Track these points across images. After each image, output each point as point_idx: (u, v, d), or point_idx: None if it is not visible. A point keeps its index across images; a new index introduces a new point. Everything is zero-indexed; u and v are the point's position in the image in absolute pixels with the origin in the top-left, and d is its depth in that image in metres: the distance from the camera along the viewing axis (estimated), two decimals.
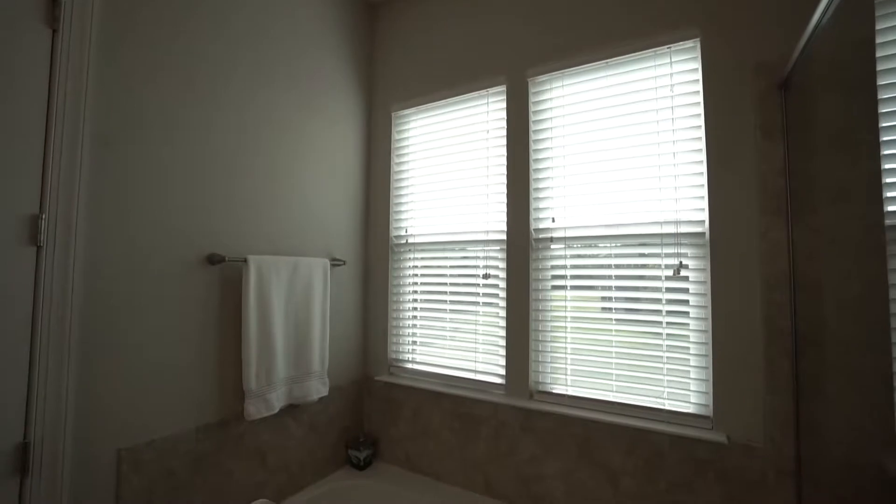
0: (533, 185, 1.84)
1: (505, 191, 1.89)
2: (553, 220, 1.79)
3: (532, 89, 1.88)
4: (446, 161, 2.11)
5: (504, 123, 1.92)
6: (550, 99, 1.84)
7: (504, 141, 1.92)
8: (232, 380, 1.64)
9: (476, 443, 1.92)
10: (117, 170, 1.34)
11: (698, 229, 1.53)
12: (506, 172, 1.90)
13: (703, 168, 1.52)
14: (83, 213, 1.25)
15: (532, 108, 1.87)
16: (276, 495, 1.80)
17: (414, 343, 2.19)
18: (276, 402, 1.69)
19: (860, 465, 1.30)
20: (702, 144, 1.53)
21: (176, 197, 1.49)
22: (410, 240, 2.19)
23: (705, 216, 1.51)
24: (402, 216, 2.24)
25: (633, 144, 1.66)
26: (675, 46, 1.60)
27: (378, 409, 2.24)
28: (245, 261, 1.62)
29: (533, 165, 1.85)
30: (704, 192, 1.51)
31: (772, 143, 1.40)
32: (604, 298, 1.71)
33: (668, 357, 1.57)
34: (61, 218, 1.19)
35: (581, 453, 1.67)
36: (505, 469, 1.84)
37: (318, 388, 1.88)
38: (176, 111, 1.49)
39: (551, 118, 1.83)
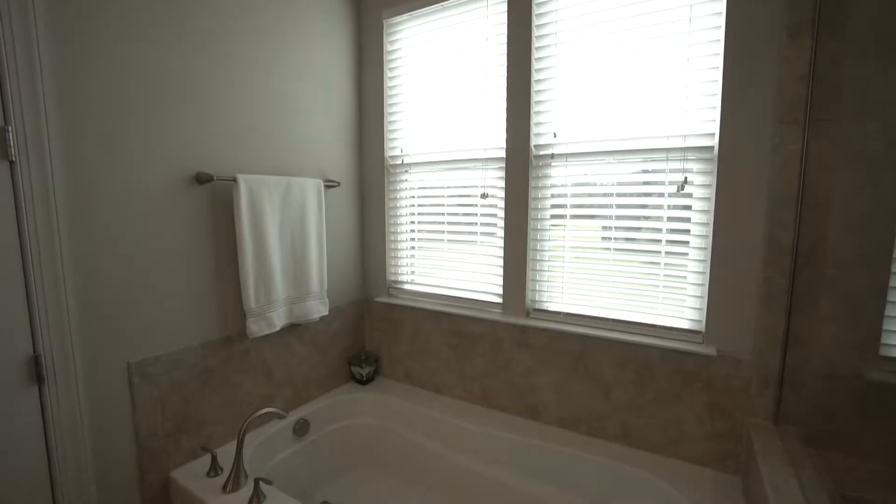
0: (534, 97, 1.73)
1: (504, 104, 1.78)
2: (555, 136, 1.71)
3: None
4: (442, 73, 1.96)
5: (504, 30, 1.76)
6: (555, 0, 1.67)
7: (504, 49, 1.77)
8: (232, 299, 1.66)
9: (473, 358, 2.00)
10: (87, 81, 1.25)
11: (707, 143, 1.45)
12: (505, 84, 1.77)
13: (719, 74, 1.40)
14: (55, 127, 1.18)
15: (535, 10, 1.70)
16: (283, 406, 1.91)
17: (412, 264, 2.20)
18: (277, 320, 1.73)
19: (840, 375, 1.35)
20: (720, 48, 1.40)
21: (156, 113, 1.40)
22: (406, 159, 2.11)
23: (716, 128, 1.43)
24: (397, 134, 2.14)
25: (643, 49, 1.53)
26: None
27: (379, 328, 2.31)
28: (234, 180, 1.57)
29: (534, 76, 1.72)
30: (717, 101, 1.41)
31: (797, 47, 1.28)
32: (604, 217, 1.67)
33: (665, 275, 1.57)
34: (31, 131, 1.12)
35: (575, 367, 1.74)
36: (501, 382, 1.93)
37: (318, 308, 1.92)
38: (145, 9, 1.36)
39: (555, 21, 1.67)
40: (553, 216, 1.77)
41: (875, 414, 1.31)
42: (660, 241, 1.57)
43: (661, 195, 1.55)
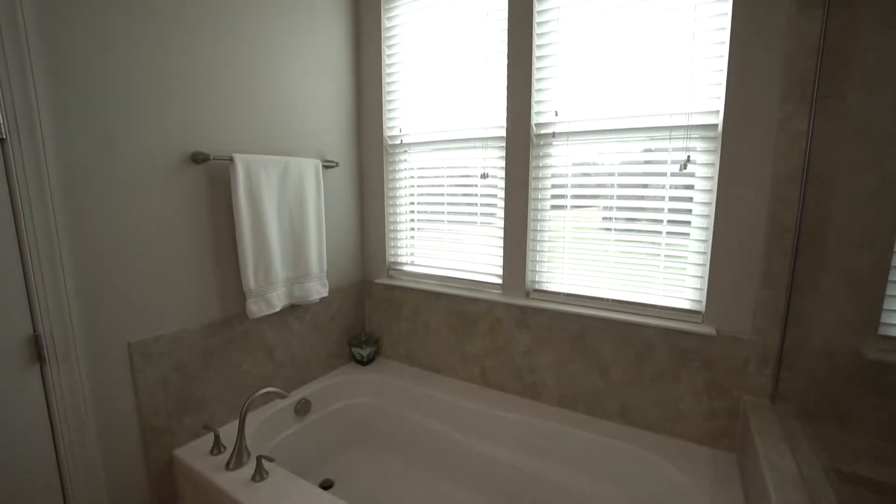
0: (535, 74, 1.69)
1: (505, 82, 1.75)
2: (556, 114, 1.68)
3: None
4: (441, 50, 1.92)
5: (505, 4, 1.71)
6: None
7: (505, 25, 1.72)
8: (232, 280, 1.66)
9: (473, 339, 2.01)
10: (78, 57, 1.21)
11: (711, 120, 1.43)
12: (506, 62, 1.73)
13: (725, 50, 1.37)
14: (46, 104, 1.15)
15: None
16: (284, 386, 1.93)
17: (412, 245, 2.19)
18: (276, 301, 1.73)
19: (839, 354, 1.35)
20: (726, 21, 1.36)
21: (150, 90, 1.37)
22: (405, 139, 2.08)
23: (720, 106, 1.40)
24: (395, 114, 2.11)
25: (648, 24, 1.49)
26: None
27: (379, 309, 2.31)
28: (231, 159, 1.55)
29: (536, 52, 1.68)
30: (723, 77, 1.38)
31: (808, 18, 1.24)
32: (606, 198, 1.66)
33: (665, 255, 1.57)
34: (20, 108, 1.10)
35: (574, 347, 1.75)
36: (500, 362, 1.95)
37: (318, 289, 1.92)
38: None
39: None
40: (553, 196, 1.75)
41: (871, 392, 1.32)
42: (661, 221, 1.56)
43: (664, 174, 1.53)
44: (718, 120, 1.41)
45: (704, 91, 1.43)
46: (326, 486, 1.85)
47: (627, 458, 1.55)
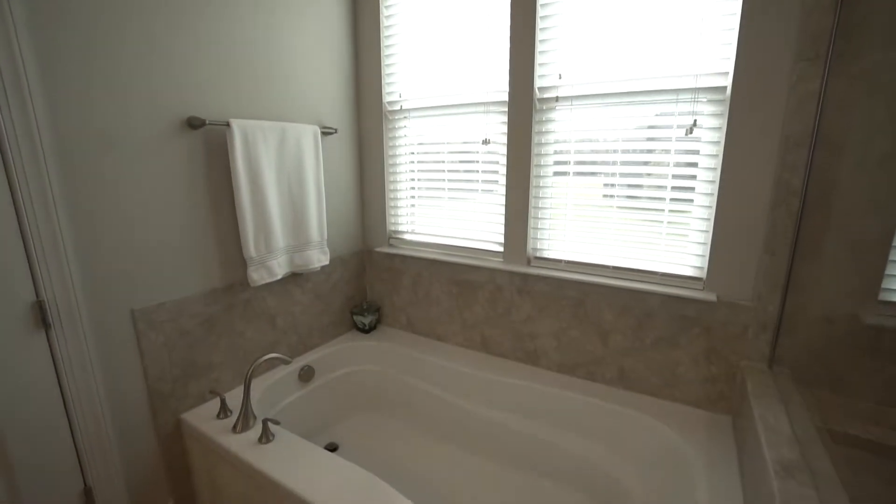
0: (538, 35, 1.63)
1: (507, 45, 1.69)
2: (560, 77, 1.63)
3: None
4: (442, 11, 1.85)
5: None
6: None
7: None
8: (233, 248, 1.65)
9: (474, 307, 2.02)
10: (66, 16, 1.16)
11: (720, 82, 1.39)
12: (509, 23, 1.67)
13: (738, 6, 1.31)
14: (33, 66, 1.11)
15: None
16: (287, 353, 1.96)
17: (413, 213, 2.17)
18: (277, 269, 1.73)
19: (838, 319, 1.36)
20: None
21: (143, 52, 1.33)
22: (405, 105, 2.03)
23: (730, 66, 1.36)
24: (395, 78, 2.05)
25: None
26: None
27: (380, 278, 2.32)
28: (228, 125, 1.51)
29: (539, 12, 1.61)
30: (734, 37, 1.33)
31: None
32: (609, 164, 1.63)
33: (668, 221, 1.56)
34: (6, 71, 1.06)
35: (575, 314, 1.76)
36: (501, 329, 1.97)
37: (318, 258, 1.92)
38: None
39: None
40: (556, 163, 1.72)
41: (868, 356, 1.34)
42: (665, 187, 1.54)
43: (669, 139, 1.50)
44: (728, 82, 1.37)
45: (714, 51, 1.39)
46: (331, 448, 1.91)
47: (625, 420, 1.59)
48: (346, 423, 2.07)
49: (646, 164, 1.58)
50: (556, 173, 1.74)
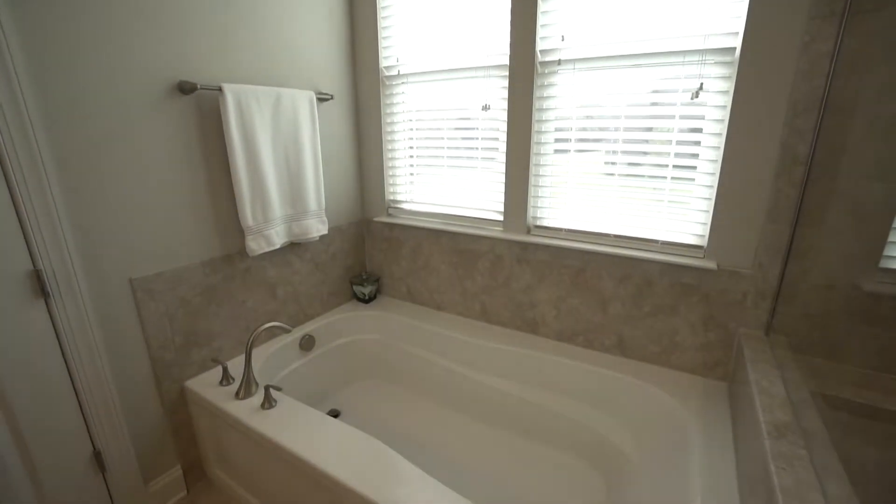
0: None
1: (509, 5, 1.62)
2: (563, 39, 1.57)
3: None
4: None
5: None
6: None
7: None
8: (230, 217, 1.63)
9: (474, 276, 2.02)
10: None
11: (729, 43, 1.34)
12: None
13: None
14: (13, 30, 1.07)
15: None
16: (288, 323, 1.97)
17: (412, 181, 2.14)
18: (276, 238, 1.71)
19: (837, 286, 1.36)
20: None
21: (130, 13, 1.27)
22: (402, 70, 1.97)
23: (740, 25, 1.30)
24: (391, 42, 1.98)
25: None
26: None
27: (379, 248, 2.31)
28: (220, 90, 1.47)
29: None
30: None
31: None
32: (612, 130, 1.59)
33: (671, 189, 1.53)
34: None
35: (574, 282, 1.76)
36: (501, 298, 1.97)
37: (317, 227, 1.90)
38: None
39: None
40: (557, 129, 1.68)
41: (864, 323, 1.34)
42: (668, 154, 1.51)
43: (673, 104, 1.46)
44: (737, 42, 1.32)
45: (724, 9, 1.33)
46: (334, 414, 1.95)
47: (622, 386, 1.62)
48: (348, 390, 2.11)
49: (649, 129, 1.54)
50: (556, 151, 1.70)
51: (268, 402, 1.41)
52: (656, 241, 1.59)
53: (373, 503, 1.07)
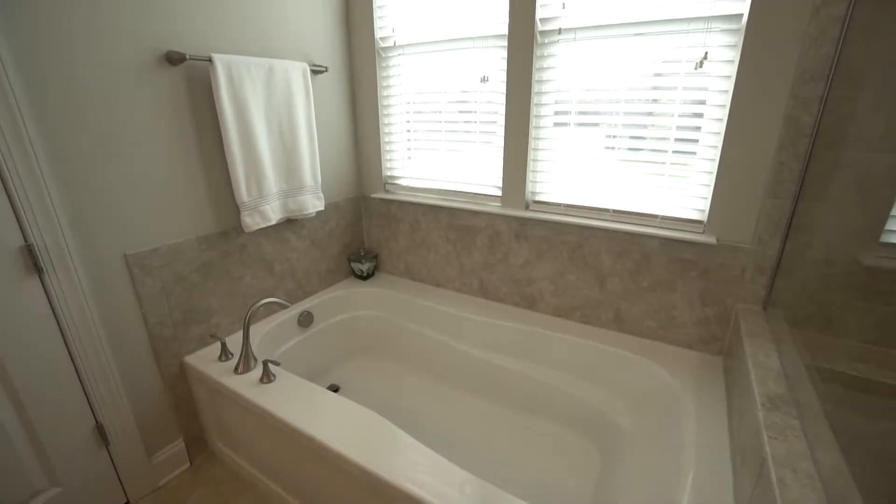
0: None
1: None
2: (563, 6, 1.51)
3: None
4: None
5: None
6: None
7: None
8: (225, 193, 1.61)
9: (472, 252, 2.01)
10: None
11: (736, 9, 1.29)
12: None
13: None
14: None
15: None
16: (286, 299, 1.97)
17: (409, 158, 2.11)
18: (271, 214, 1.70)
19: (836, 261, 1.35)
20: None
21: None
22: (398, 41, 1.91)
23: None
24: (387, 11, 1.91)
25: None
26: None
27: (376, 224, 2.30)
28: (210, 60, 1.42)
29: None
30: None
31: None
32: (614, 102, 1.55)
33: (672, 163, 1.51)
34: None
35: (572, 258, 1.75)
36: (499, 274, 1.97)
37: (313, 203, 1.88)
38: None
39: None
40: (557, 112, 1.64)
41: (862, 297, 1.34)
42: (670, 127, 1.48)
43: (677, 74, 1.42)
44: (745, 8, 1.27)
45: None
46: (333, 389, 1.97)
47: (618, 361, 1.63)
48: (346, 366, 2.13)
49: (653, 101, 1.50)
50: (556, 124, 1.66)
51: (266, 377, 1.43)
52: (656, 216, 1.57)
53: (371, 472, 1.09)
